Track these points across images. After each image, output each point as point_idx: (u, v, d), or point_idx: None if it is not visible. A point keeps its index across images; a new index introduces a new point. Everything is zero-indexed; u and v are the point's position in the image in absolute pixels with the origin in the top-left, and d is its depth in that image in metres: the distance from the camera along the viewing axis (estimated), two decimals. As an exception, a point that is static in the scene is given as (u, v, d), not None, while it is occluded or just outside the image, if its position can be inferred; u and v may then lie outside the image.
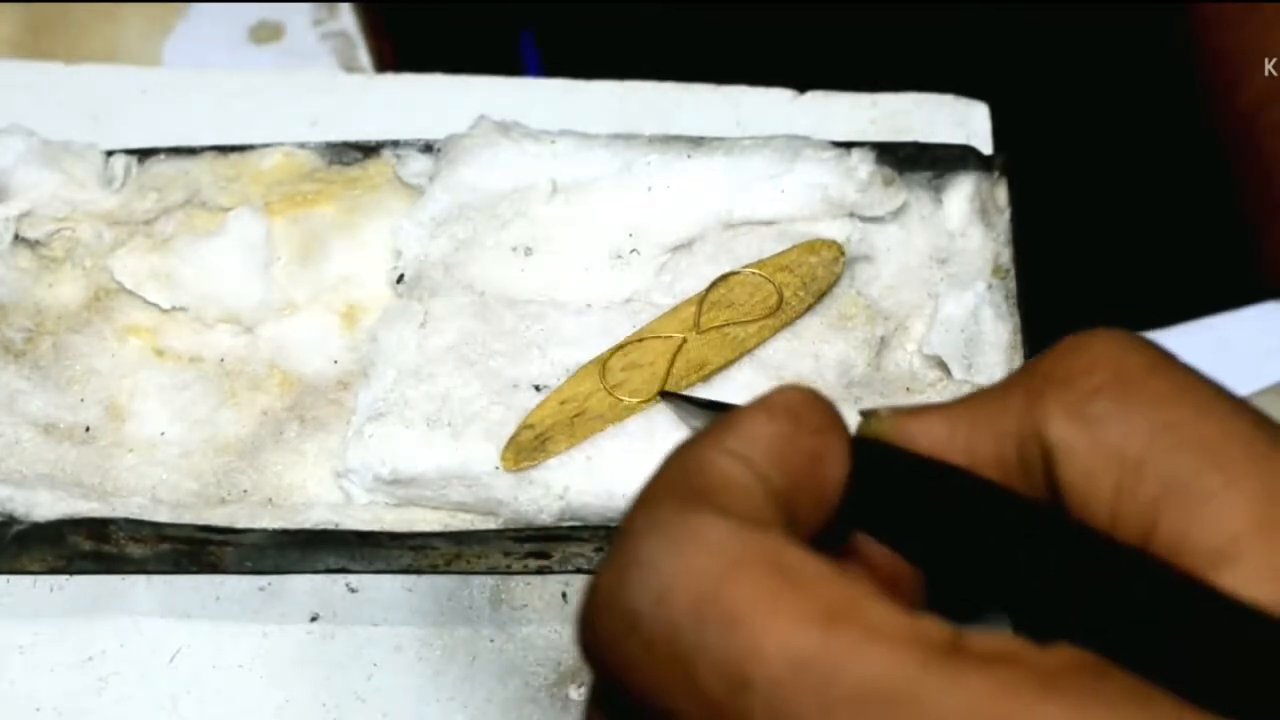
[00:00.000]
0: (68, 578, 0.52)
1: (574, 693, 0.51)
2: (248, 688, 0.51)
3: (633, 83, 0.64)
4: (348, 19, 0.71)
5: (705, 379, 0.52)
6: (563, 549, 0.51)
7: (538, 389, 0.52)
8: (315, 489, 0.52)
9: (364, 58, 0.70)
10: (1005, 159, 0.57)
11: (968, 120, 0.62)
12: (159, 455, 0.53)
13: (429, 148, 0.57)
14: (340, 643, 0.52)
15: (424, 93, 0.64)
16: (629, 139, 0.56)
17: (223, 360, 0.55)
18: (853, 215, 0.54)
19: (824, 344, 0.53)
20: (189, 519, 0.51)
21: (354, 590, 0.52)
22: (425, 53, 0.72)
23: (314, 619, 0.52)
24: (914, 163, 0.56)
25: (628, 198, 0.55)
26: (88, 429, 0.53)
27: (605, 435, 0.51)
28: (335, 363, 0.55)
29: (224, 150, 0.58)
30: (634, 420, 0.51)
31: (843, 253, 0.54)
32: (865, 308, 0.54)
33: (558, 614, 0.52)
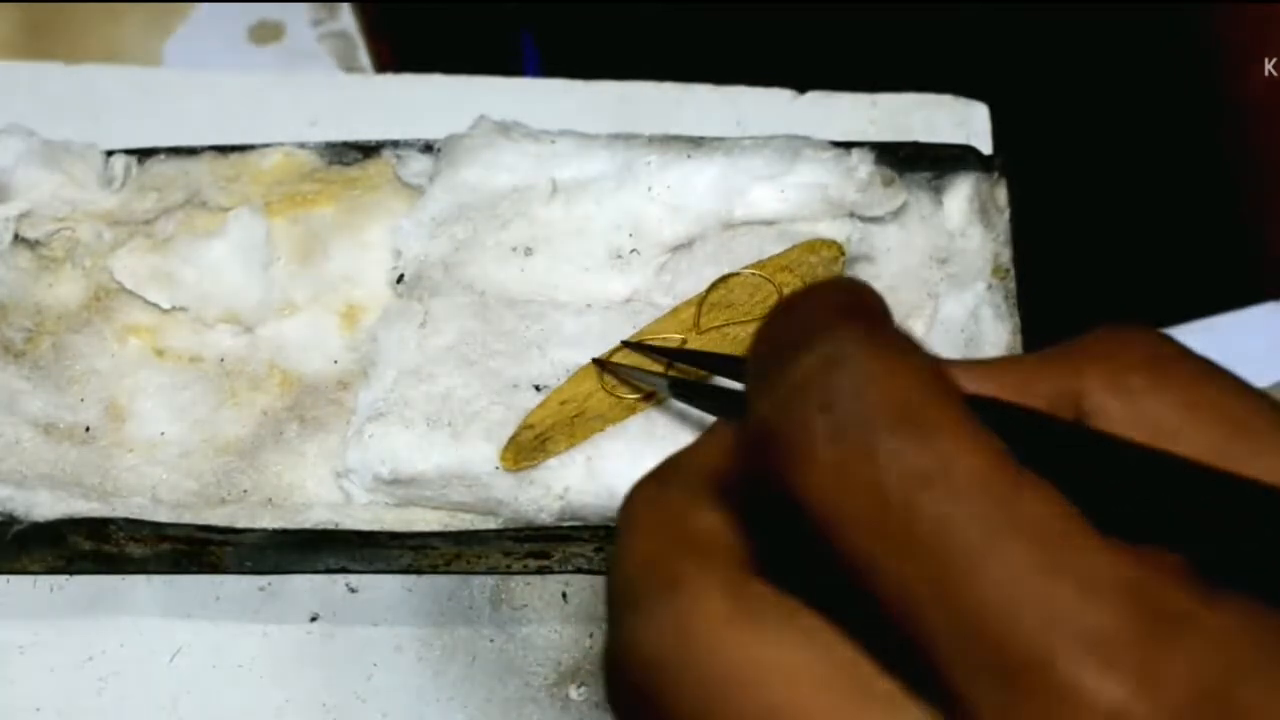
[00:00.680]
0: (68, 578, 0.52)
1: (574, 693, 0.51)
2: (248, 688, 0.51)
3: (633, 83, 0.64)
4: (348, 19, 0.71)
5: (706, 380, 0.52)
6: (563, 549, 0.51)
7: (538, 389, 0.52)
8: (315, 489, 0.52)
9: (364, 58, 0.70)
10: (1005, 159, 0.57)
11: (968, 120, 0.62)
12: (159, 455, 0.53)
13: (429, 148, 0.57)
14: (340, 643, 0.52)
15: (424, 93, 0.64)
16: (629, 139, 0.56)
17: (223, 360, 0.55)
18: (853, 215, 0.54)
19: (824, 344, 0.53)
20: (189, 519, 0.51)
21: (354, 590, 0.52)
22: (425, 53, 0.72)
23: (314, 619, 0.52)
24: (914, 163, 0.56)
25: (628, 198, 0.55)
26: (88, 429, 0.53)
27: (605, 435, 0.51)
28: (335, 363, 0.55)
29: (224, 150, 0.58)
30: (634, 420, 0.51)
31: (843, 253, 0.54)
32: (865, 308, 0.54)
33: (558, 614, 0.52)
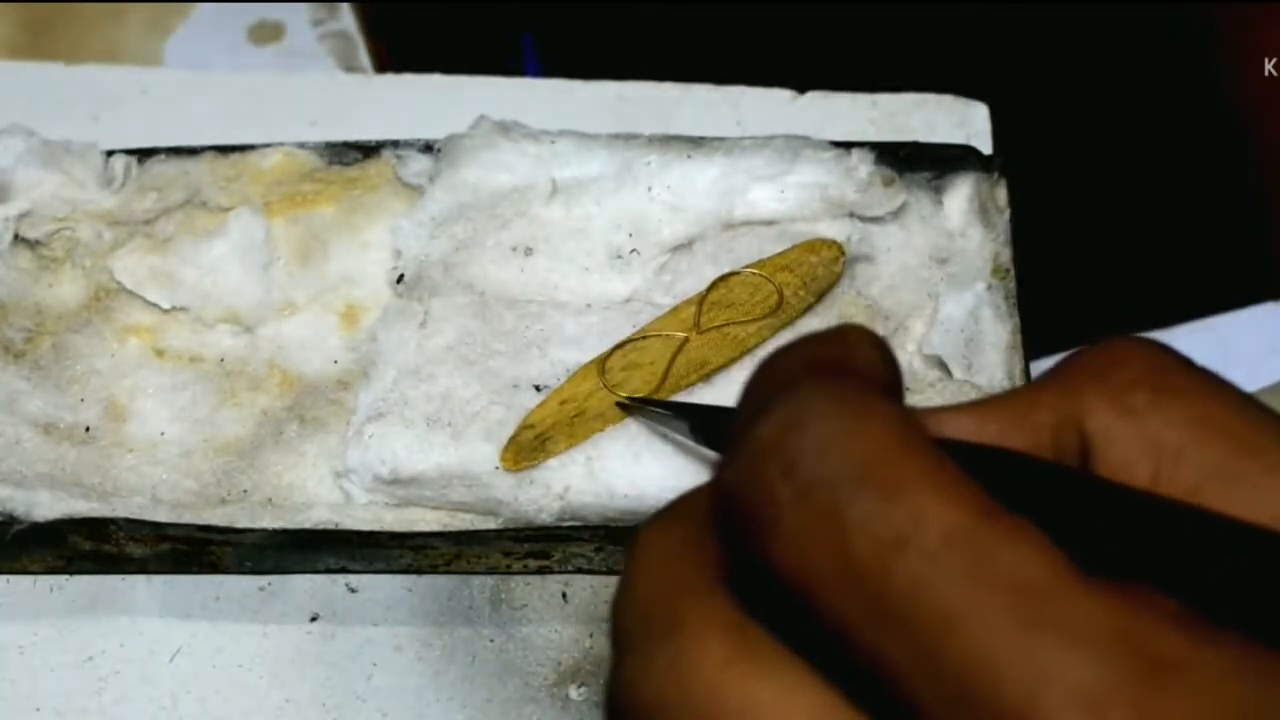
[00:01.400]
0: (68, 578, 0.52)
1: (574, 693, 0.51)
2: (248, 688, 0.51)
3: (632, 83, 0.64)
4: (347, 19, 0.71)
5: (706, 379, 0.52)
6: (563, 549, 0.51)
7: (538, 389, 0.52)
8: (315, 489, 0.52)
9: (364, 58, 0.70)
10: (1005, 159, 0.57)
11: (968, 120, 0.62)
12: (159, 455, 0.53)
13: (429, 148, 0.57)
14: (340, 643, 0.52)
15: (424, 93, 0.64)
16: (629, 139, 0.56)
17: (223, 360, 0.55)
18: (853, 215, 0.55)
19: (824, 344, 0.53)
20: (189, 519, 0.51)
21: (354, 590, 0.52)
22: (425, 53, 0.72)
23: (314, 619, 0.52)
24: (914, 163, 0.56)
25: (628, 198, 0.55)
26: (88, 429, 0.53)
27: (605, 435, 0.51)
28: (335, 363, 0.55)
29: (224, 150, 0.58)
30: (634, 420, 0.51)
31: (843, 252, 0.54)
32: (865, 308, 0.54)
33: (558, 614, 0.52)
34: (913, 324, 0.54)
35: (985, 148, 0.59)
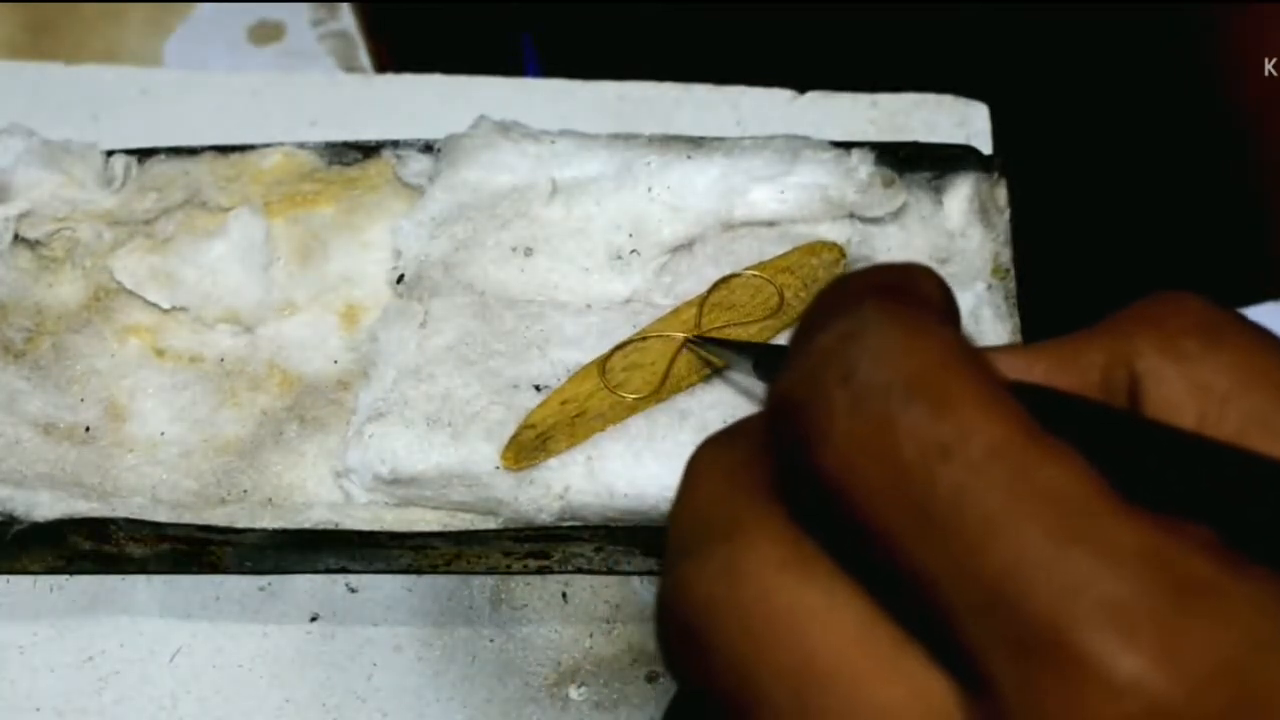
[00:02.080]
0: (68, 578, 0.52)
1: (574, 693, 0.51)
2: (248, 688, 0.51)
3: (632, 83, 0.64)
4: (347, 19, 0.71)
5: (706, 380, 0.52)
6: (563, 549, 0.51)
7: (538, 389, 0.52)
8: (315, 489, 0.52)
9: (364, 58, 0.70)
10: (1005, 159, 0.57)
11: (968, 120, 0.62)
12: (159, 455, 0.53)
13: (429, 148, 0.57)
14: (340, 643, 0.52)
15: (424, 93, 0.64)
16: (629, 139, 0.56)
17: (223, 360, 0.55)
18: (853, 216, 0.55)
19: (824, 344, 0.53)
20: (189, 519, 0.51)
21: (354, 590, 0.52)
22: (425, 53, 0.72)
23: (314, 619, 0.52)
24: (914, 163, 0.56)
25: (628, 198, 0.55)
26: (88, 429, 0.53)
27: (606, 435, 0.51)
28: (335, 363, 0.55)
29: (224, 150, 0.58)
30: (635, 420, 0.51)
31: (844, 254, 0.54)
32: (865, 308, 0.54)
33: (558, 614, 0.52)
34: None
35: (985, 148, 0.59)
